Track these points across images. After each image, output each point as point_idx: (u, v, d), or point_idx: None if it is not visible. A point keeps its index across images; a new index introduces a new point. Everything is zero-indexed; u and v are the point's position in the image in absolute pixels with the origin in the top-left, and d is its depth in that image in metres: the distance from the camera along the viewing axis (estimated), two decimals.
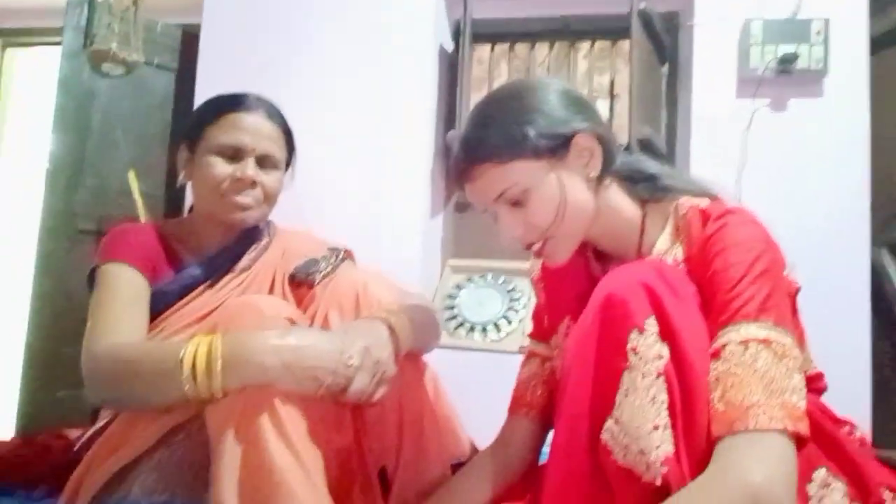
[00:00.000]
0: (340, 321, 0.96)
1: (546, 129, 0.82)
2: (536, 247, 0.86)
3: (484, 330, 1.99)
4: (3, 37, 2.69)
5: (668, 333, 0.72)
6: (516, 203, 0.83)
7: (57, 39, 2.36)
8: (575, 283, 0.96)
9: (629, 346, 0.73)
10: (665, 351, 0.72)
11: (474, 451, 1.13)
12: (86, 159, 2.32)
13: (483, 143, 0.83)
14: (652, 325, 0.72)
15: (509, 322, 2.00)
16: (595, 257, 0.96)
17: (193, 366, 0.78)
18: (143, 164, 2.30)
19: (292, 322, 0.87)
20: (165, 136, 2.40)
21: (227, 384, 0.79)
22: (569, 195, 0.83)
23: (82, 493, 0.82)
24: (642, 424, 0.70)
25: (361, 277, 1.03)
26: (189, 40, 2.36)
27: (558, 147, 0.83)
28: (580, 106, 0.86)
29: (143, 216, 2.15)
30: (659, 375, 0.71)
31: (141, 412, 0.84)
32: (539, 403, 1.00)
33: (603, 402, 0.74)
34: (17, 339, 2.39)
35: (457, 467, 1.05)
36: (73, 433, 1.15)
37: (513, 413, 1.02)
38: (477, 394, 1.27)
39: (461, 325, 2.01)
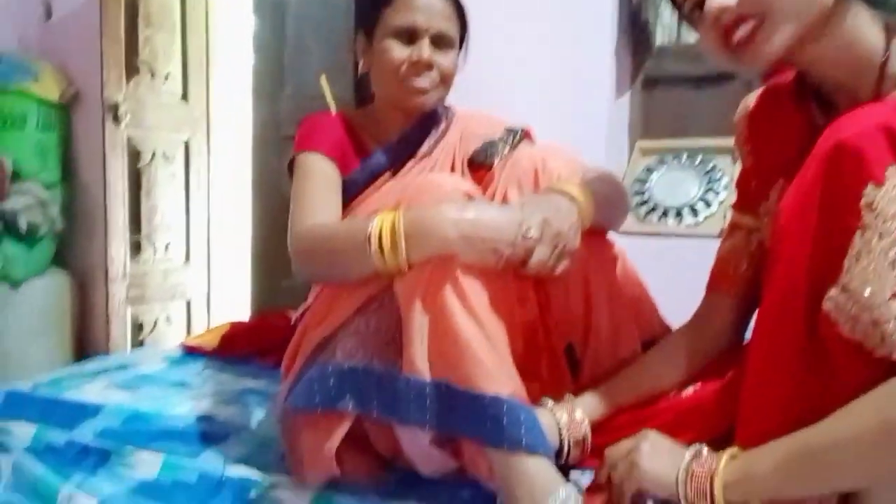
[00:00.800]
0: (520, 198, 0.94)
1: None
2: (742, 32, 0.72)
3: (679, 214, 1.86)
4: None
5: None
6: None
7: None
8: (791, 141, 0.82)
9: (864, 201, 0.61)
10: None
11: (668, 332, 1.08)
12: (284, 70, 2.48)
13: None
14: (894, 175, 0.60)
15: (708, 205, 1.84)
16: (818, 107, 0.82)
17: (380, 241, 0.81)
18: (333, 67, 2.40)
19: (471, 197, 0.87)
20: (352, 39, 2.48)
21: (412, 257, 0.81)
22: None
23: (297, 359, 0.92)
24: (878, 292, 0.59)
25: (540, 153, 0.99)
26: None
27: None
28: None
29: None
30: None
31: (340, 287, 0.91)
32: (743, 280, 0.91)
33: (826, 267, 0.64)
34: (246, 240, 2.73)
35: (648, 347, 1.01)
36: (294, 314, 1.28)
37: (712, 290, 0.94)
38: (671, 284, 1.19)
39: (652, 210, 1.90)
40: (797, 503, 0.65)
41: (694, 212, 1.84)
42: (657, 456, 0.73)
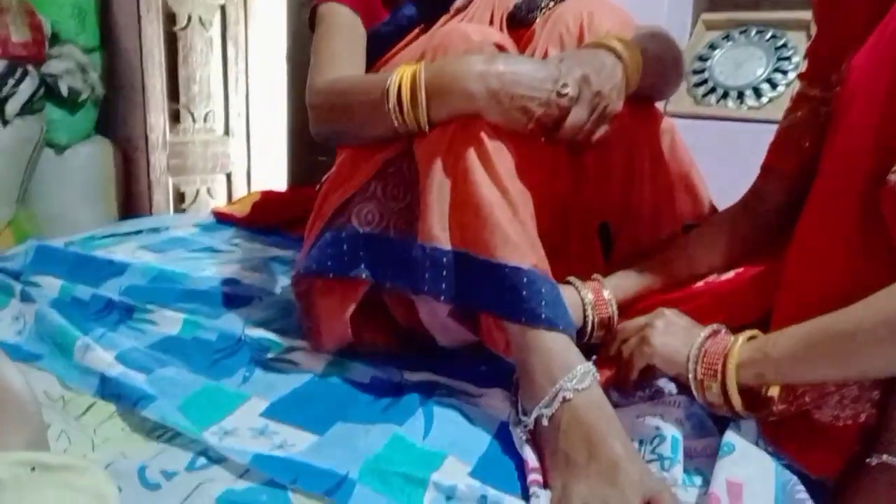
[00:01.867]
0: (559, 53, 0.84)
1: None
2: None
3: (740, 96, 1.71)
4: None
5: None
6: None
7: None
8: (869, 3, 0.71)
9: None
10: None
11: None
12: None
13: None
14: None
15: (774, 86, 1.68)
16: None
17: (399, 96, 0.74)
18: None
19: (502, 49, 0.78)
20: None
21: (433, 114, 0.74)
22: None
23: (314, 225, 0.88)
24: None
25: (587, 6, 0.88)
26: None
27: None
28: None
29: None
30: None
31: (359, 150, 0.85)
32: (803, 158, 0.81)
33: (894, 137, 0.55)
34: (283, 115, 2.67)
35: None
36: None
37: (767, 168, 0.86)
38: (726, 171, 1.09)
39: (712, 90, 1.75)
40: (814, 388, 0.61)
41: (757, 93, 1.69)
42: (671, 333, 0.70)
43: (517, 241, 0.71)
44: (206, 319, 0.95)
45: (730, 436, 0.64)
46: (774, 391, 0.64)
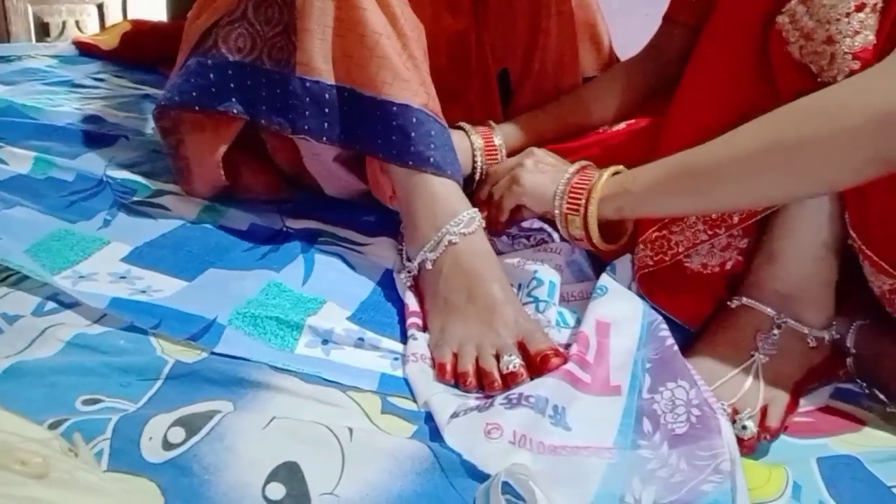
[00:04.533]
0: None
1: None
2: None
3: None
4: None
5: None
6: None
7: None
8: None
9: None
10: None
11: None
12: None
13: None
14: None
15: None
16: None
17: None
18: None
19: None
20: None
21: None
22: None
23: (182, 54, 0.78)
24: (841, 2, 0.50)
25: None
26: None
27: None
28: None
29: None
30: None
31: None
32: (705, 8, 0.78)
33: None
34: None
35: None
36: None
37: (670, 18, 0.83)
38: (634, 22, 1.05)
39: None
40: (687, 237, 0.62)
41: None
42: (540, 171, 0.69)
43: (407, 78, 0.66)
44: (61, 159, 0.85)
45: (604, 279, 0.65)
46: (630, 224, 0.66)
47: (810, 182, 0.51)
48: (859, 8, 0.50)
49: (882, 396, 0.59)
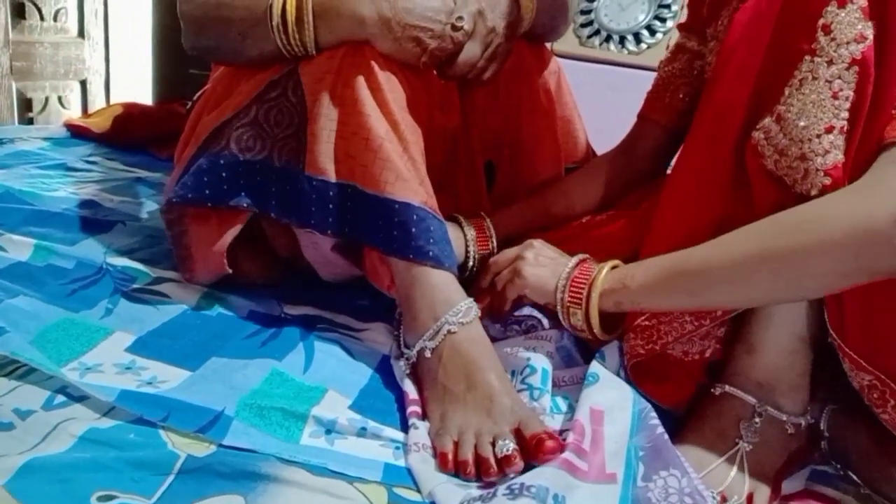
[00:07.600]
0: None
1: None
2: None
3: (622, 41, 1.76)
4: None
5: (879, 8, 0.54)
6: None
7: None
8: None
9: (821, 22, 0.55)
10: (870, 32, 0.54)
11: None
12: None
13: None
14: None
15: (653, 33, 1.74)
16: None
17: (283, 15, 0.69)
18: None
19: None
20: None
21: (321, 38, 0.70)
22: None
23: (189, 147, 0.82)
24: (812, 125, 0.56)
25: None
26: None
27: None
28: None
29: None
30: (852, 64, 0.54)
31: (239, 69, 0.79)
32: (678, 108, 0.86)
33: (766, 93, 0.59)
34: (147, 18, 2.42)
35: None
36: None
37: (644, 116, 0.90)
38: (603, 112, 1.13)
39: (596, 33, 1.79)
40: (674, 328, 0.67)
41: (637, 39, 1.75)
42: (540, 264, 0.73)
43: (407, 177, 0.70)
44: (61, 245, 0.87)
45: (595, 366, 0.69)
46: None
47: (799, 288, 0.55)
48: (829, 130, 0.55)
49: (856, 478, 0.63)
